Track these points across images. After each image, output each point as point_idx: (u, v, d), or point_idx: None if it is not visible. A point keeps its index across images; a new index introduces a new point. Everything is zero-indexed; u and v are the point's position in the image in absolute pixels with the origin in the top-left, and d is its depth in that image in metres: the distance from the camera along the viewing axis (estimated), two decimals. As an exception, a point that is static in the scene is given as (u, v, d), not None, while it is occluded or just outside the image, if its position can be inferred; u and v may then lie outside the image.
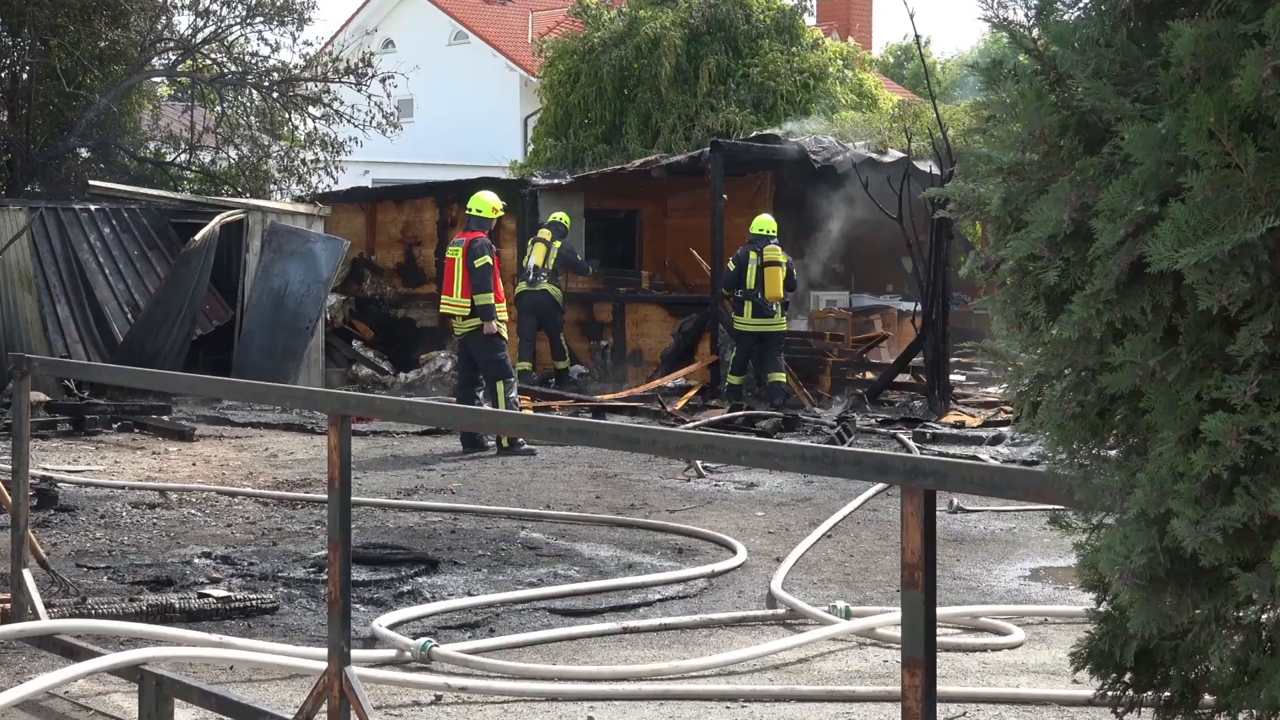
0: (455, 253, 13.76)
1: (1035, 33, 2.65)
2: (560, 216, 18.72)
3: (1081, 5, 2.59)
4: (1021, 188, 2.64)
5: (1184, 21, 2.36)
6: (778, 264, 16.82)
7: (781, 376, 16.78)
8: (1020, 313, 2.69)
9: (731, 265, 17.06)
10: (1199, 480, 2.36)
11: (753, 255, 16.80)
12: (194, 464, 12.64)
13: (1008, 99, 2.64)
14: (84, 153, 22.31)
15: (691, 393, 17.25)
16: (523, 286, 18.26)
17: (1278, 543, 2.32)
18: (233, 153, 23.01)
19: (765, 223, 17.22)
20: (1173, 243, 2.30)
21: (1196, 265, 2.29)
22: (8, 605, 6.65)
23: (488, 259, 13.51)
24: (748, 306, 16.81)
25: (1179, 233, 2.29)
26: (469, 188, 21.72)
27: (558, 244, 18.36)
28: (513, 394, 13.62)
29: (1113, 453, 2.68)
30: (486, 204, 14.06)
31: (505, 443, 13.33)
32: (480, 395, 13.86)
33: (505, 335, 13.73)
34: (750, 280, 16.76)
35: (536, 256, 18.23)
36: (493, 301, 13.51)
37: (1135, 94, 2.46)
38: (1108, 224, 2.39)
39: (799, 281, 18.86)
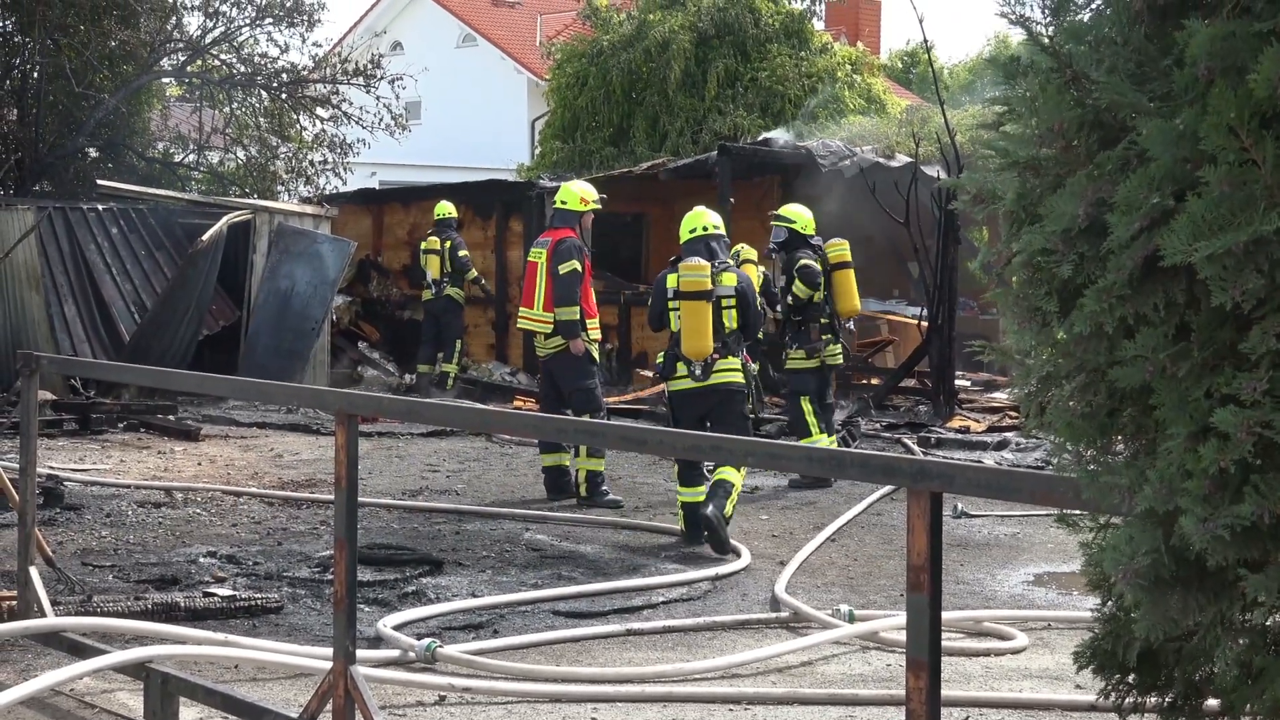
0: (539, 255, 11.10)
1: (1050, 30, 2.65)
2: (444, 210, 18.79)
3: (1095, 4, 2.59)
4: (1037, 182, 2.64)
5: (1199, 20, 2.36)
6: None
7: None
8: (1031, 308, 2.69)
9: None
10: (1207, 475, 2.36)
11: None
12: (199, 463, 12.64)
13: (1027, 93, 2.64)
14: (93, 152, 22.35)
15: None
16: (427, 295, 18.60)
17: (1287, 543, 2.32)
18: (241, 153, 23.05)
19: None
20: (1188, 237, 2.30)
21: (1210, 260, 2.29)
22: (14, 602, 6.66)
23: (575, 264, 10.90)
24: None
25: (1194, 227, 2.29)
26: (476, 190, 21.85)
27: (448, 244, 18.57)
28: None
29: (1122, 456, 2.67)
30: (574, 194, 11.30)
31: (584, 492, 11.01)
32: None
33: (596, 357, 11.21)
34: None
35: (432, 269, 18.52)
36: (578, 316, 10.95)
37: (1151, 92, 2.46)
38: (1123, 217, 2.40)
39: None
